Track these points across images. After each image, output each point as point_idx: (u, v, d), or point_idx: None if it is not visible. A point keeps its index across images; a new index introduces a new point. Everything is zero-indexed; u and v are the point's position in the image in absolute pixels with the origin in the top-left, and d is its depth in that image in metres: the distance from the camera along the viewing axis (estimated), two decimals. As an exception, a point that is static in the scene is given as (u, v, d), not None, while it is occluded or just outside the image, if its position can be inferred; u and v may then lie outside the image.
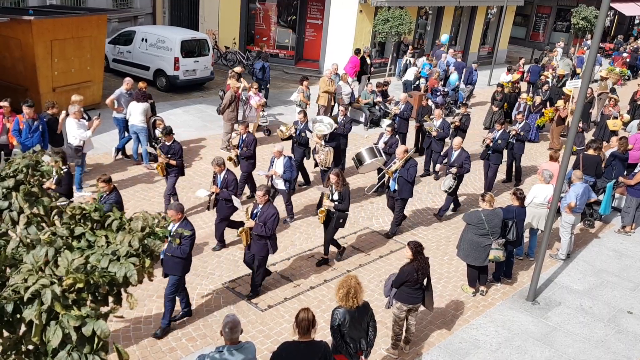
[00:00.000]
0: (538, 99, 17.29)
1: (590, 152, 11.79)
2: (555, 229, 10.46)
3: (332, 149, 11.18)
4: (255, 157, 11.06)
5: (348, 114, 13.20)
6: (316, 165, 11.47)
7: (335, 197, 8.88)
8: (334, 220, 9.00)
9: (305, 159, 11.90)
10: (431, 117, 13.81)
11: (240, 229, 8.17)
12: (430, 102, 18.46)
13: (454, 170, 10.90)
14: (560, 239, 10.34)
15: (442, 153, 12.72)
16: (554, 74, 21.56)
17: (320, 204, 9.91)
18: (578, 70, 23.88)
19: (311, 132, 11.66)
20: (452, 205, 11.72)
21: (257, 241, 7.93)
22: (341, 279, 6.03)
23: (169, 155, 10.09)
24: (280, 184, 10.14)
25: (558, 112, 16.17)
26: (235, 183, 9.28)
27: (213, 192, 9.18)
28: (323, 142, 11.16)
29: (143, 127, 11.99)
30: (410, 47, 22.35)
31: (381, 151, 11.10)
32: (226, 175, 9.13)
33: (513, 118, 17.02)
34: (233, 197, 9.00)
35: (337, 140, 11.68)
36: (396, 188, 10.09)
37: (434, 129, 13.18)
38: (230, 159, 10.80)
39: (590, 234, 11.54)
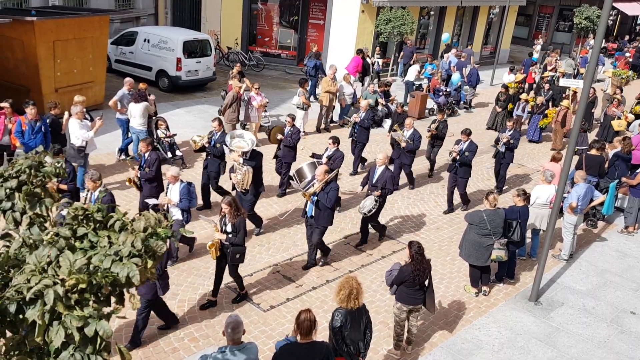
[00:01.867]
0: (540, 100, 17.17)
1: (594, 152, 11.76)
2: (558, 230, 10.44)
3: (250, 169, 9.41)
4: (160, 179, 9.73)
5: (296, 124, 12.06)
6: (233, 188, 10.00)
7: (229, 229, 7.61)
8: (229, 256, 7.68)
9: (221, 174, 10.63)
10: (402, 126, 12.52)
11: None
12: (432, 103, 18.54)
13: (377, 192, 9.50)
14: (563, 239, 10.32)
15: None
16: (554, 74, 21.54)
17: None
18: (582, 70, 23.86)
19: (229, 148, 9.88)
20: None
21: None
22: (341, 280, 6.00)
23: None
24: (176, 214, 8.57)
25: (563, 113, 16.08)
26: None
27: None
28: (241, 160, 9.43)
29: (141, 129, 12.00)
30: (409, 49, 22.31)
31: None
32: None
33: (514, 117, 17.06)
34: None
35: (258, 159, 9.73)
36: (313, 214, 8.79)
37: (403, 139, 11.97)
38: (129, 180, 9.62)
39: (593, 234, 11.52)
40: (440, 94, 18.51)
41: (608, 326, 8.50)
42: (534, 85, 21.20)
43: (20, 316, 2.99)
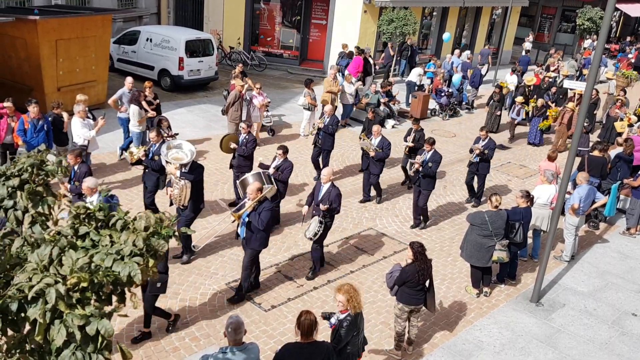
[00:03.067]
0: (540, 102, 16.91)
1: (596, 153, 11.75)
2: (560, 231, 10.43)
3: (189, 184, 8.49)
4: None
5: (252, 132, 11.41)
6: (171, 204, 9.00)
7: None
8: (149, 285, 7.02)
9: (159, 189, 10.01)
10: (369, 135, 11.73)
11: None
12: (434, 103, 18.53)
13: (323, 207, 8.51)
14: (565, 240, 10.31)
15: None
16: (557, 75, 21.51)
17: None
18: (584, 72, 23.84)
19: (165, 160, 8.94)
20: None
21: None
22: (344, 288, 5.79)
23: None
24: None
25: (568, 115, 15.92)
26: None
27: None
28: (178, 174, 8.49)
29: (134, 130, 12.05)
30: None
31: (271, 177, 9.19)
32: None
33: (509, 120, 16.86)
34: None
35: (198, 172, 8.88)
36: (244, 236, 7.92)
37: (372, 148, 11.19)
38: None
39: (594, 235, 11.50)
40: (443, 94, 18.51)
41: (609, 328, 8.49)
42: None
43: (22, 315, 3.00)
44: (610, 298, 9.27)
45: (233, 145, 10.81)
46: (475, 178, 12.13)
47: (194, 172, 8.78)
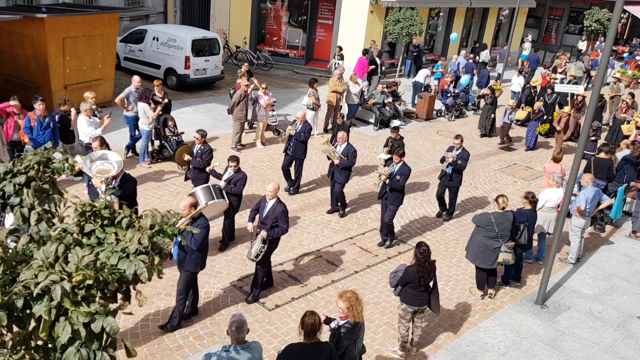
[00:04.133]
0: (537, 105, 16.30)
1: (602, 155, 11.70)
2: (565, 233, 10.39)
3: (116, 199, 7.65)
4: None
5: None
6: None
7: None
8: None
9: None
10: (334, 142, 10.96)
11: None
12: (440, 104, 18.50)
13: (264, 233, 7.78)
14: (570, 242, 10.27)
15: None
16: (563, 77, 21.45)
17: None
18: (592, 73, 23.79)
19: (88, 174, 7.66)
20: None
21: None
22: (351, 297, 5.71)
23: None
24: None
25: (565, 119, 15.59)
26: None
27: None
28: (103, 188, 7.34)
29: (143, 129, 12.07)
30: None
31: (222, 191, 8.78)
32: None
33: (501, 124, 16.28)
34: None
35: (129, 186, 8.15)
36: (178, 257, 7.23)
37: (336, 155, 10.51)
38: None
39: (600, 238, 11.45)
40: (449, 95, 18.47)
41: (614, 331, 8.45)
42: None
43: (27, 311, 3.01)
44: (615, 301, 9.23)
45: (187, 157, 10.32)
46: (447, 191, 11.24)
47: (125, 185, 8.02)
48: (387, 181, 9.58)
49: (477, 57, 25.47)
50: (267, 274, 8.34)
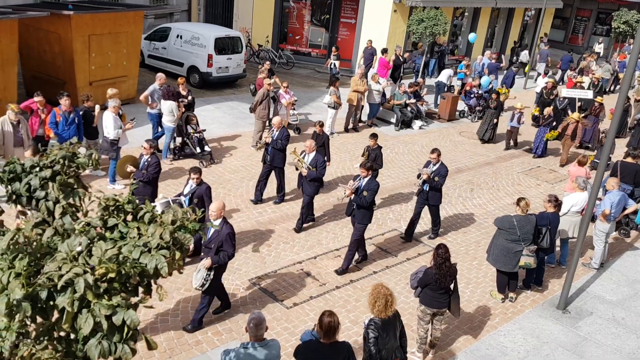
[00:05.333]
0: (547, 110, 15.40)
1: (629, 160, 11.49)
2: (589, 238, 10.22)
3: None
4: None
5: (154, 154, 9.26)
6: None
7: None
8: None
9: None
10: (302, 152, 10.11)
11: None
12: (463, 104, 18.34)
13: (207, 262, 7.03)
14: (594, 247, 10.10)
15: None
16: (590, 79, 21.10)
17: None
18: (620, 75, 23.38)
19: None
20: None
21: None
22: (372, 290, 5.72)
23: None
24: None
25: (573, 126, 14.75)
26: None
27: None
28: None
29: (168, 126, 12.19)
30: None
31: (184, 207, 8.71)
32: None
33: (508, 128, 15.66)
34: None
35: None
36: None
37: (304, 166, 9.78)
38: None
39: (625, 243, 11.25)
40: (472, 96, 18.30)
41: (638, 338, 8.28)
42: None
43: (51, 303, 3.05)
44: (639, 307, 9.05)
45: (130, 169, 9.68)
46: (427, 209, 10.19)
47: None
48: (353, 197, 8.71)
49: (516, 58, 25.22)
50: (224, 298, 7.73)
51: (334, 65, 19.68)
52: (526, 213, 8.37)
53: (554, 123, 15.28)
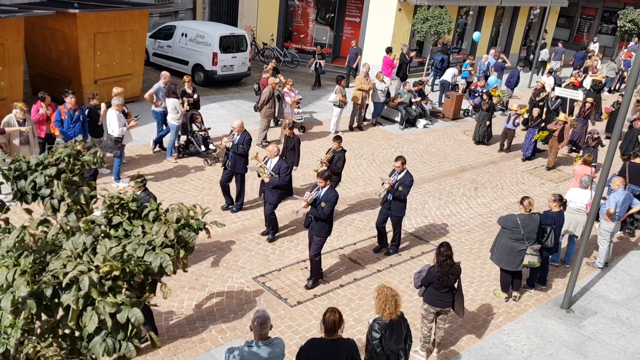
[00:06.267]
0: (536, 111, 14.93)
1: (638, 160, 11.43)
2: (593, 237, 10.19)
3: None
4: None
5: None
6: None
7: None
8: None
9: None
10: (265, 158, 9.48)
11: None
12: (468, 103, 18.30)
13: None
14: (599, 246, 10.07)
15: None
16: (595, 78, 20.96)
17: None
18: (625, 74, 23.27)
19: None
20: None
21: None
22: (379, 292, 5.69)
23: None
24: None
25: (560, 127, 14.20)
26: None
27: None
28: None
29: (172, 123, 12.21)
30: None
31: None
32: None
33: (503, 130, 15.24)
34: None
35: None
36: None
37: (266, 172, 9.17)
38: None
39: (630, 243, 11.21)
40: (476, 95, 18.25)
41: (643, 338, 8.27)
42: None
43: (56, 300, 3.07)
44: (644, 307, 9.03)
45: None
46: (389, 220, 9.47)
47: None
48: (309, 209, 8.10)
49: (533, 56, 25.11)
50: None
51: (319, 64, 19.12)
52: (530, 212, 8.36)
53: (543, 124, 14.91)
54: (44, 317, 3.19)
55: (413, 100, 16.66)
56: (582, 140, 15.25)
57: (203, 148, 12.58)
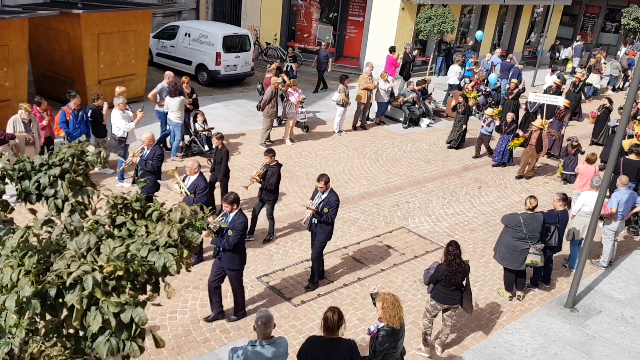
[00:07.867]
0: (510, 116, 14.04)
1: (632, 157, 11.43)
2: (598, 236, 10.15)
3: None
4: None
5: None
6: None
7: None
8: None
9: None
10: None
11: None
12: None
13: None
14: (603, 246, 10.05)
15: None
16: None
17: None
18: (629, 73, 23.17)
19: None
20: None
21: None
22: (385, 302, 5.60)
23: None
24: None
25: (537, 135, 13.27)
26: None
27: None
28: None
29: (177, 122, 12.23)
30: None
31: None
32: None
33: (479, 135, 14.44)
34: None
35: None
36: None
37: (182, 190, 8.42)
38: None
39: (634, 241, 11.18)
40: (480, 93, 18.21)
41: (647, 337, 8.25)
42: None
43: (60, 300, 3.08)
44: (649, 306, 9.01)
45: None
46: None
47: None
48: (212, 237, 7.19)
49: (558, 54, 25.03)
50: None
51: (291, 68, 17.87)
52: (533, 211, 8.34)
53: (517, 130, 14.00)
54: (48, 316, 3.20)
55: (416, 99, 16.61)
56: (556, 145, 14.86)
57: (206, 147, 12.59)
